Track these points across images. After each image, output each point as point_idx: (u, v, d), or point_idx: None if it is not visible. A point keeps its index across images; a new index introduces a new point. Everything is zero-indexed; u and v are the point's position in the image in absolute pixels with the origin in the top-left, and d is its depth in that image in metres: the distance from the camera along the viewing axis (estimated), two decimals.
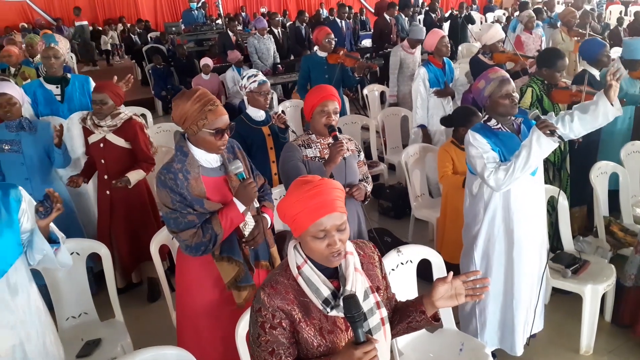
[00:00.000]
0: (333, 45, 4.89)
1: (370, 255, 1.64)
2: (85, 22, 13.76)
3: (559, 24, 6.56)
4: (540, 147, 2.34)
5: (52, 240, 2.03)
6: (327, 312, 1.42)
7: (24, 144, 3.22)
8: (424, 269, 2.59)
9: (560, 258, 3.11)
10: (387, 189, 4.78)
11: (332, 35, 4.90)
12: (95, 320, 2.81)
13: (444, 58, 4.59)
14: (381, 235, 3.99)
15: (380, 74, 8.84)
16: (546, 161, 3.16)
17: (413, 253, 2.55)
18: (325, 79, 4.76)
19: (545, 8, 8.40)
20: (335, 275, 1.49)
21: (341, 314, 1.42)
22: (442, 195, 3.58)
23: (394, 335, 1.62)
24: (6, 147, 3.19)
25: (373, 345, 1.28)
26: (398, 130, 5.29)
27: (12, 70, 5.37)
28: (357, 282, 1.46)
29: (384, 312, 1.51)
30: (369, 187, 2.72)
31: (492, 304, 2.76)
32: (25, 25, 14.05)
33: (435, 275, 2.56)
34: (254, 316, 1.45)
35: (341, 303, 1.38)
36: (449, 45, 4.55)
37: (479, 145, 2.49)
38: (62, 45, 3.77)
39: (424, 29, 5.58)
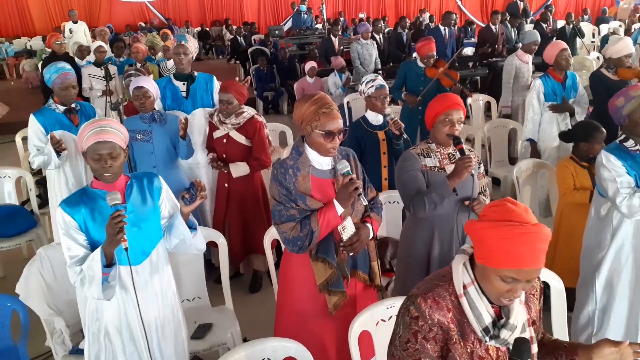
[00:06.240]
0: (432, 64, 4.81)
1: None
2: None
3: None
4: None
5: (189, 227, 2.18)
6: (486, 341, 1.38)
7: (154, 135, 3.46)
8: None
9: None
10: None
11: (434, 54, 4.80)
12: (207, 306, 2.96)
13: (569, 72, 4.33)
14: None
15: (481, 84, 8.61)
16: None
17: None
18: (420, 90, 4.74)
19: None
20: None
21: (498, 345, 1.39)
22: (555, 215, 3.39)
23: None
24: (139, 137, 3.45)
25: None
26: (505, 144, 5.10)
27: (138, 65, 5.86)
28: (519, 315, 1.41)
29: (535, 347, 1.45)
30: (487, 201, 2.63)
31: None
32: (143, 25, 15.23)
33: (554, 301, 2.43)
34: (407, 321, 1.42)
35: (500, 334, 1.36)
36: (570, 58, 4.30)
37: (612, 168, 2.34)
38: (191, 44, 4.00)
39: (537, 32, 5.39)
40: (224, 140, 3.49)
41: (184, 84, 3.94)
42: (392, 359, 1.46)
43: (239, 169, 3.48)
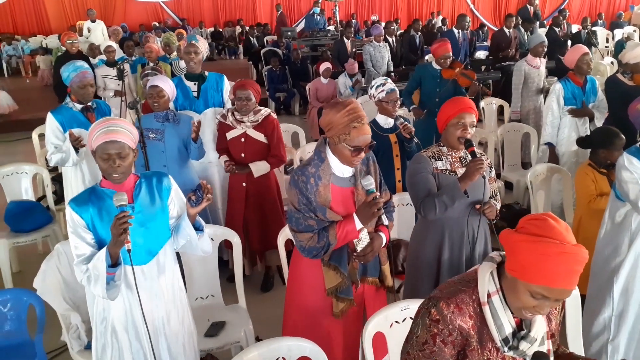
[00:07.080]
0: (448, 64, 4.78)
1: None
2: None
3: None
4: None
5: (196, 228, 2.18)
6: (504, 352, 1.38)
7: (167, 134, 3.48)
8: None
9: None
10: (503, 207, 4.59)
11: (450, 54, 4.72)
12: (220, 304, 2.98)
13: (589, 77, 4.30)
14: None
15: (494, 87, 8.57)
16: None
17: None
18: (437, 92, 4.70)
19: None
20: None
21: (515, 356, 1.39)
22: (574, 221, 3.36)
23: None
24: (152, 135, 3.46)
25: None
26: (518, 148, 5.08)
27: (151, 64, 5.91)
28: (540, 328, 1.41)
29: None
30: (498, 205, 2.63)
31: (625, 343, 2.57)
32: (157, 24, 15.35)
33: (569, 308, 2.41)
34: (427, 322, 1.40)
35: (520, 346, 1.37)
36: (591, 63, 4.27)
37: (634, 170, 2.33)
38: (202, 44, 4.03)
39: (542, 34, 5.36)
40: (242, 140, 3.49)
41: (195, 84, 3.96)
42: (407, 357, 1.46)
43: (259, 168, 3.49)
